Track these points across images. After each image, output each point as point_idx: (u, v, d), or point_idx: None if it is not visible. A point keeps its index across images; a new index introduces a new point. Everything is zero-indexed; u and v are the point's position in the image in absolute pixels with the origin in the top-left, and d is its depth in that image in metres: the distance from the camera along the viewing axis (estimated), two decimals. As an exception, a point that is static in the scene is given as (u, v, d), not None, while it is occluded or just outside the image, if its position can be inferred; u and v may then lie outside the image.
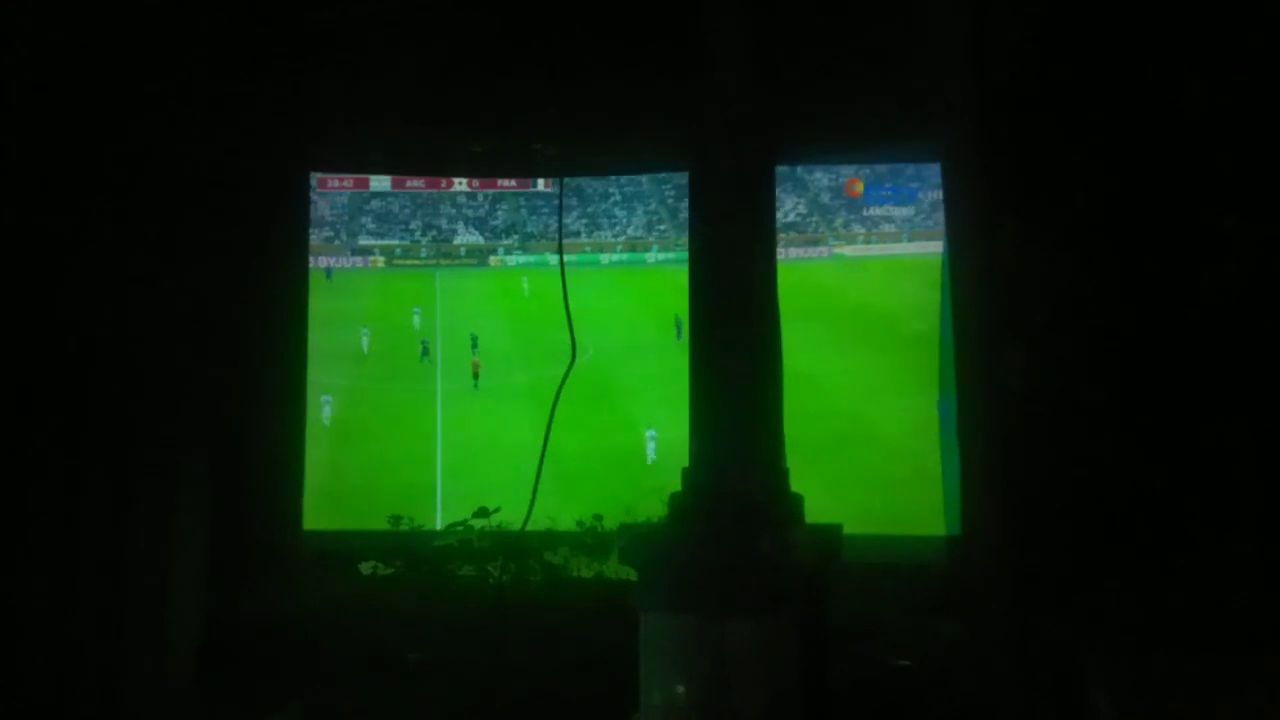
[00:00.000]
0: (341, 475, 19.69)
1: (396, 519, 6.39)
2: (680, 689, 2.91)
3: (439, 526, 8.64)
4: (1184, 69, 3.86)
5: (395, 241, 43.81)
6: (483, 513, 5.75)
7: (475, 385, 28.69)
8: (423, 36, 4.97)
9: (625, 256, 43.11)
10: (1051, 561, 4.01)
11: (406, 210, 44.62)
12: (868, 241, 40.59)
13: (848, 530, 3.23)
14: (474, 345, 30.14)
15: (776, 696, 2.89)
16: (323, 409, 26.75)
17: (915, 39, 4.62)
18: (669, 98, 3.81)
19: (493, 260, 43.03)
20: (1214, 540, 3.75)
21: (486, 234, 44.50)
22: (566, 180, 5.87)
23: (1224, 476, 3.79)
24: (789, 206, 41.35)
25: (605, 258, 41.96)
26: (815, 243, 40.99)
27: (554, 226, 42.70)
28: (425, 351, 30.28)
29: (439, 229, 44.12)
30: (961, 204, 4.76)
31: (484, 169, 6.25)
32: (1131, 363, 3.93)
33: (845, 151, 7.81)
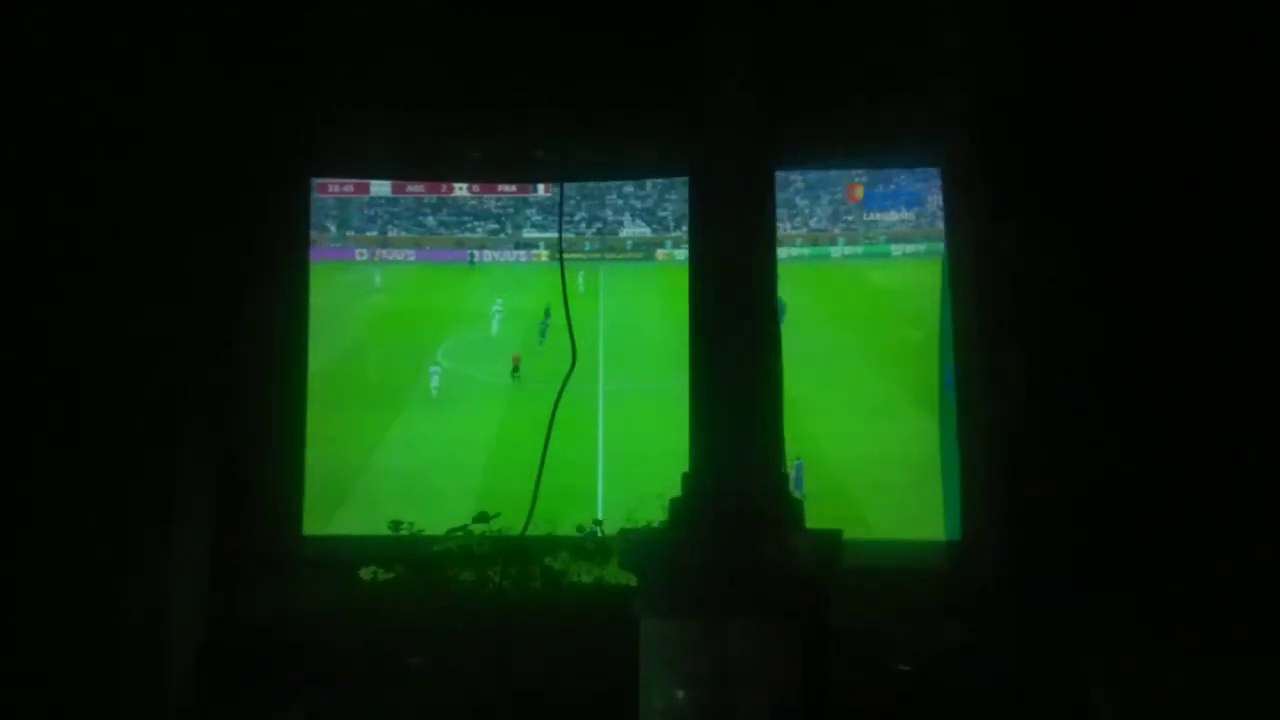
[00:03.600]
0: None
1: (397, 524, 6.37)
2: (680, 694, 2.90)
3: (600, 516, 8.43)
4: (1181, 74, 3.87)
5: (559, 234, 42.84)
6: (483, 517, 5.74)
7: (515, 379, 28.07)
8: (422, 41, 4.98)
9: (807, 251, 41.24)
10: (1051, 565, 4.00)
11: (571, 202, 43.41)
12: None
13: (847, 535, 3.22)
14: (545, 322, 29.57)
15: (777, 701, 2.88)
16: (431, 379, 27.30)
17: (915, 44, 4.63)
18: (669, 103, 3.82)
19: (660, 254, 41.60)
20: (1214, 542, 3.75)
21: (654, 226, 43.21)
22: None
23: (1224, 479, 3.79)
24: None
25: (785, 251, 40.74)
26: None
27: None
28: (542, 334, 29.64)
29: (604, 221, 42.87)
30: (961, 208, 4.77)
31: (484, 174, 6.26)
32: (1131, 366, 3.93)
33: (845, 156, 7.81)
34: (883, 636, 4.66)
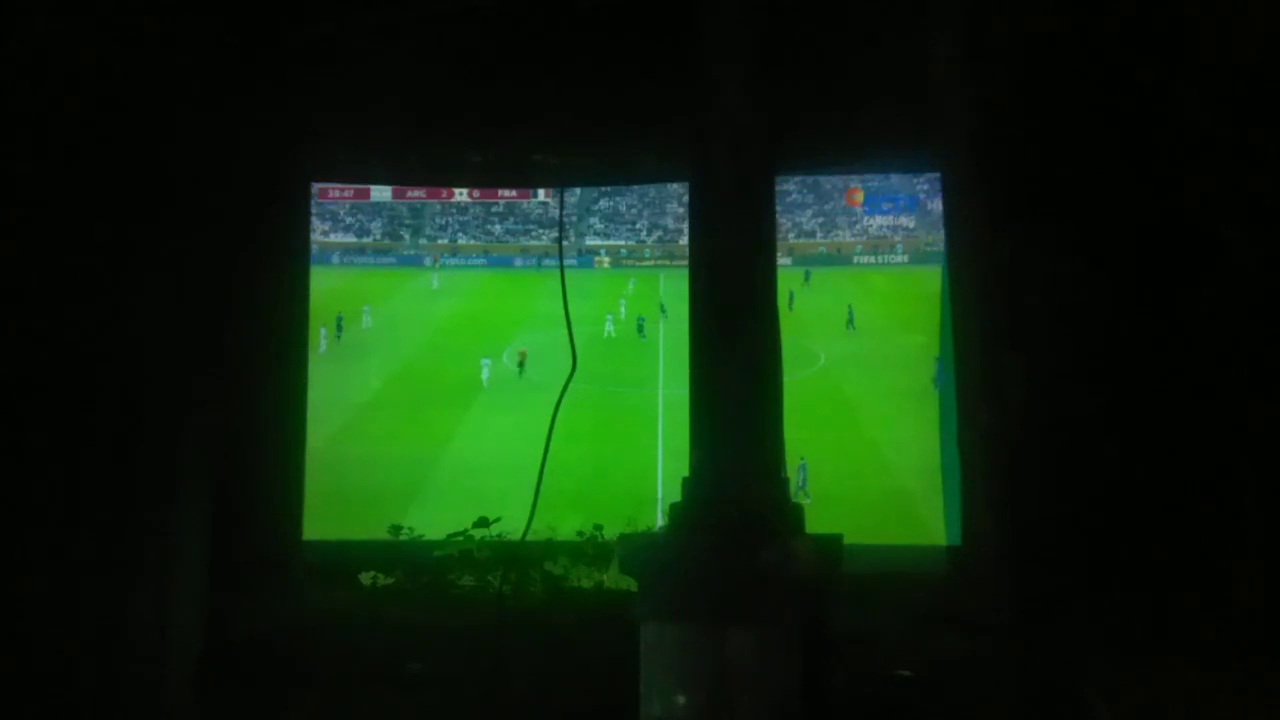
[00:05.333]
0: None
1: (396, 529, 6.37)
2: (680, 699, 2.89)
3: (660, 520, 8.55)
4: (1181, 78, 3.87)
5: (621, 242, 43.21)
6: (483, 523, 5.74)
7: (520, 373, 28.61)
8: (421, 46, 4.98)
9: (869, 259, 42.16)
10: (1052, 571, 3.99)
11: (634, 210, 43.93)
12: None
13: (848, 540, 3.21)
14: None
15: (777, 707, 2.87)
16: (482, 371, 27.52)
17: (914, 49, 4.63)
18: (669, 105, 3.81)
19: (718, 260, 43.64)
20: (1216, 548, 3.74)
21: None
22: (584, 186, 5.90)
23: (1225, 484, 3.78)
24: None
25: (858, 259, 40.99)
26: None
27: (786, 225, 42.19)
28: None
29: (665, 229, 43.36)
30: (961, 213, 4.76)
31: (483, 179, 6.24)
32: (1132, 371, 3.92)
33: (845, 161, 7.82)
34: (883, 642, 4.66)
